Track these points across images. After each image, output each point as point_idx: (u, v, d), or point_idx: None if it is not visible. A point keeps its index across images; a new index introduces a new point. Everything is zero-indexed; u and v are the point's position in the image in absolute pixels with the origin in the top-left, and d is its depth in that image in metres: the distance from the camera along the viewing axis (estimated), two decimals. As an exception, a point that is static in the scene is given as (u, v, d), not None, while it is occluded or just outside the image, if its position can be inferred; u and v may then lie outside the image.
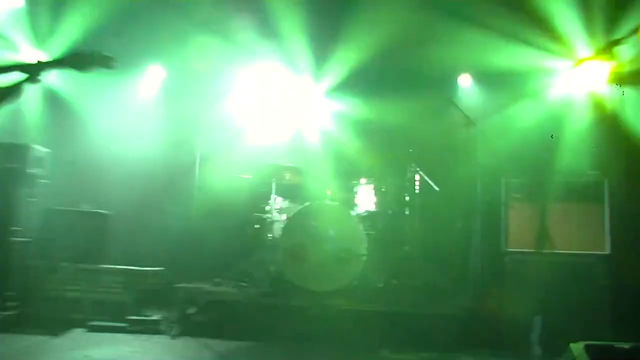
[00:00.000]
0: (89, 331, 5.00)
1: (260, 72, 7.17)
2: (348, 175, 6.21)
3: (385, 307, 5.17)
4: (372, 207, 5.82)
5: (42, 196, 6.23)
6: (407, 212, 5.92)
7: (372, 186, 5.85)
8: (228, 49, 6.88)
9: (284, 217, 5.93)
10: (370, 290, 5.45)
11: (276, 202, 6.08)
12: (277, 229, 5.87)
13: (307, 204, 5.79)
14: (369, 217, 5.84)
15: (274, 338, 4.93)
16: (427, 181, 6.02)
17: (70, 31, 6.88)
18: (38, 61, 3.46)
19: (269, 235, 5.98)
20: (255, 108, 7.27)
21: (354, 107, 7.28)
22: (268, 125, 7.21)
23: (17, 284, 5.52)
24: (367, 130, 6.72)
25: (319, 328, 4.96)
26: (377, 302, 5.27)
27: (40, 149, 6.31)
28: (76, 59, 3.46)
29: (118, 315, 5.31)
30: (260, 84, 7.21)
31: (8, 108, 3.65)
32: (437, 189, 5.98)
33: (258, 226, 6.12)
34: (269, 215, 6.03)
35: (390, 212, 5.85)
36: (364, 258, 5.46)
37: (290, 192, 6.23)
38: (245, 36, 6.84)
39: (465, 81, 7.14)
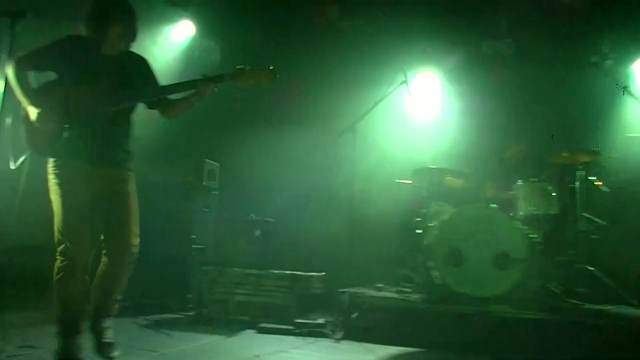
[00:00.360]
0: (257, 332, 5.30)
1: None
2: (507, 175, 6.00)
3: (551, 315, 4.89)
4: (533, 210, 5.53)
5: (214, 206, 6.79)
6: (572, 214, 5.56)
7: (534, 186, 5.57)
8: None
9: (439, 220, 5.86)
10: (535, 296, 5.20)
11: (434, 206, 6.02)
12: (436, 233, 5.81)
13: (464, 207, 5.68)
14: (530, 220, 5.57)
15: (435, 345, 4.89)
16: (594, 180, 5.63)
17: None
18: (204, 76, 3.72)
19: (428, 240, 5.93)
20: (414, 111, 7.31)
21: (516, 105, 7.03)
22: (425, 127, 7.22)
23: (195, 287, 6.05)
24: (528, 128, 6.47)
25: (481, 336, 4.84)
26: (542, 309, 5.00)
27: (212, 163, 6.87)
28: (240, 74, 3.67)
29: (284, 318, 5.58)
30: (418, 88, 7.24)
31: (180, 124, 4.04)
32: (606, 189, 5.57)
33: (420, 231, 6.10)
34: (427, 220, 5.99)
35: (553, 213, 5.52)
36: (526, 263, 5.23)
37: (448, 196, 6.15)
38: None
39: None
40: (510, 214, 5.60)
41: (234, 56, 7.45)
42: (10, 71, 3.48)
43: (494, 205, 5.63)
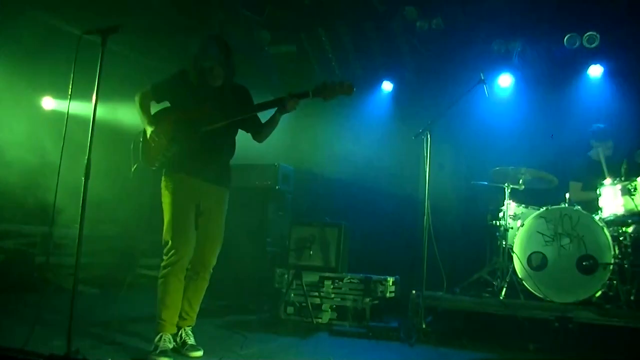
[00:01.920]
0: (331, 335, 5.28)
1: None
2: (590, 175, 5.71)
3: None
4: (619, 211, 5.22)
5: (288, 209, 6.88)
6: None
7: (619, 186, 5.27)
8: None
9: (519, 223, 5.66)
10: (620, 303, 4.91)
11: (511, 208, 5.84)
12: (513, 236, 5.63)
13: (544, 208, 5.46)
14: (616, 221, 5.27)
15: (512, 350, 4.74)
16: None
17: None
18: (289, 94, 4.02)
19: (505, 242, 5.75)
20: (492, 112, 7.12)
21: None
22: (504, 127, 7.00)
23: (270, 289, 6.12)
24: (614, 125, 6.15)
25: (562, 342, 4.64)
26: (628, 317, 4.70)
27: (286, 167, 6.96)
28: (322, 90, 3.94)
29: (358, 321, 5.57)
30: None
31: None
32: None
33: (499, 234, 5.92)
34: (504, 222, 5.80)
35: (641, 215, 5.19)
36: (611, 267, 4.96)
37: (529, 197, 5.94)
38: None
39: None
40: (596, 216, 5.33)
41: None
42: (137, 100, 4.15)
43: (578, 207, 5.38)
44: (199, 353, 4.08)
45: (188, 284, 4.19)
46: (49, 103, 7.69)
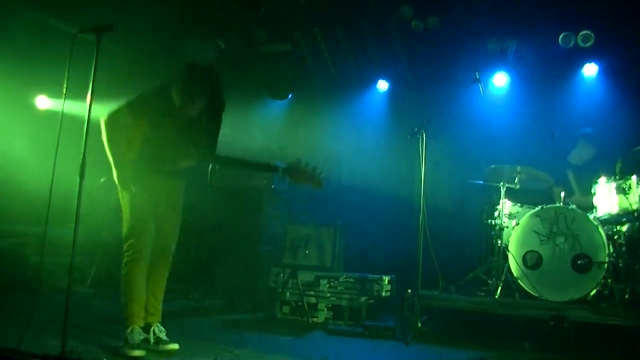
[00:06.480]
0: (327, 334, 5.29)
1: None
2: (584, 174, 5.73)
3: (635, 322, 4.60)
4: (614, 209, 5.24)
5: (284, 209, 6.87)
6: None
7: (613, 185, 5.28)
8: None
9: (514, 222, 5.67)
10: (615, 301, 4.93)
11: (506, 207, 5.85)
12: (508, 235, 5.64)
13: (538, 207, 5.47)
14: (610, 220, 5.29)
15: (507, 348, 4.75)
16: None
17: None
18: (266, 162, 4.05)
19: (500, 242, 5.76)
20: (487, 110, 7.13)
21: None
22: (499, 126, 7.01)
23: (266, 288, 6.12)
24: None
25: (557, 341, 4.65)
26: (623, 316, 4.71)
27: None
28: (294, 171, 3.89)
29: (354, 320, 5.57)
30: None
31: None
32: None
33: (494, 233, 5.93)
34: (499, 221, 5.82)
35: (636, 214, 5.21)
36: (606, 265, 4.97)
37: (520, 196, 5.95)
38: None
39: None
40: (591, 215, 5.35)
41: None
42: (107, 124, 3.94)
43: (573, 206, 5.40)
44: (175, 346, 4.07)
45: (150, 275, 4.18)
46: (43, 102, 7.65)
